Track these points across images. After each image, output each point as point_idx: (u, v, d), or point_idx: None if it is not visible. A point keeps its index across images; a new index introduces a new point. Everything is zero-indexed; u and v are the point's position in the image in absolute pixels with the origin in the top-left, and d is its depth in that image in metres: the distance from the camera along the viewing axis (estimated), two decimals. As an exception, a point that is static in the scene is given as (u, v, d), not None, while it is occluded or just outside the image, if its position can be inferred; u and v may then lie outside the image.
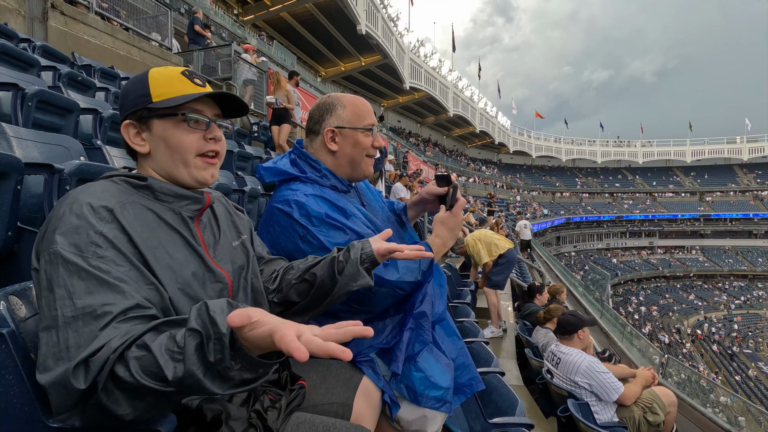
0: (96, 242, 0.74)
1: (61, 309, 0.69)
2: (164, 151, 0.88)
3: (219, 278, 0.90)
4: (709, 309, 36.14)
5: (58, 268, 0.71)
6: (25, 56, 3.61)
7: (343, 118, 1.27)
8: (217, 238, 0.96)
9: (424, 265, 1.20)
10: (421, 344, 1.22)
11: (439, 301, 1.30)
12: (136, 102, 0.88)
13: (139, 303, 0.74)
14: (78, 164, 1.68)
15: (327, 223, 1.17)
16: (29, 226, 1.62)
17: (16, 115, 2.44)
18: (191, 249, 0.87)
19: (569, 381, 2.85)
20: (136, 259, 0.78)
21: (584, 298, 12.81)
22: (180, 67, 0.94)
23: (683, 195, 49.50)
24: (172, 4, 10.88)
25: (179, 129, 0.88)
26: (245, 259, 1.00)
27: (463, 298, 4.43)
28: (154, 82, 0.88)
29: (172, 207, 0.88)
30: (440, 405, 1.20)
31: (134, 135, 0.89)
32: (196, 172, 0.90)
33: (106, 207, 0.78)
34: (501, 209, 24.48)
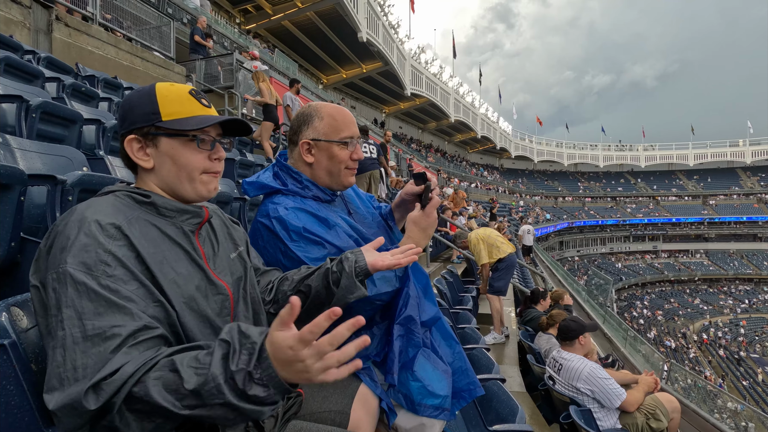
0: (105, 261, 0.74)
1: (69, 329, 0.69)
2: (170, 168, 0.90)
3: (220, 290, 0.92)
4: (715, 313, 35.83)
5: (67, 288, 0.71)
6: (29, 68, 3.66)
7: (319, 131, 1.27)
8: (215, 250, 0.97)
9: (399, 271, 1.18)
10: (414, 348, 1.21)
11: (426, 302, 1.29)
12: (143, 118, 0.88)
13: (146, 324, 0.74)
14: (80, 175, 1.70)
15: (305, 237, 1.17)
16: (32, 237, 1.64)
17: (21, 126, 2.47)
18: (194, 263, 0.89)
19: (571, 387, 2.84)
20: (144, 276, 0.79)
21: (587, 303, 12.75)
22: (186, 85, 0.95)
23: (686, 199, 49.30)
24: (175, 14, 11.01)
25: (188, 149, 0.90)
26: (243, 271, 1.02)
27: (464, 304, 4.43)
28: (163, 100, 0.89)
29: (174, 222, 0.89)
30: (438, 413, 1.19)
31: (137, 149, 0.90)
32: (201, 187, 0.92)
33: (114, 224, 0.78)
34: (503, 214, 24.46)
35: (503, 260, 5.03)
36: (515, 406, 1.97)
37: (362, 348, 0.67)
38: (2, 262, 1.51)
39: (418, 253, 1.06)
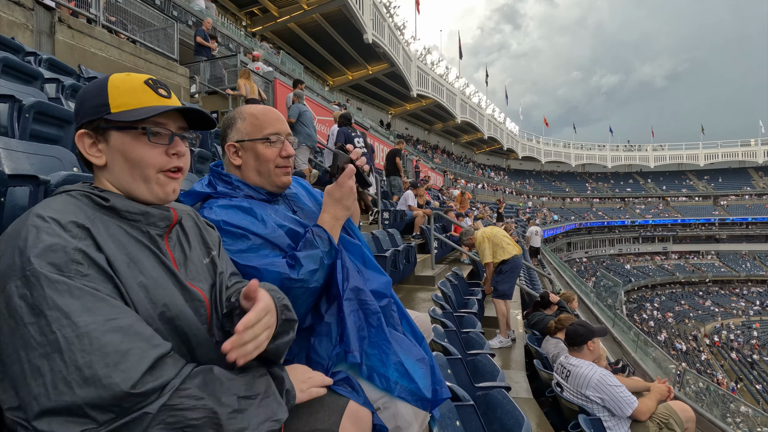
0: (76, 260, 0.67)
1: (59, 331, 0.62)
2: (123, 165, 0.82)
3: (195, 297, 0.84)
4: (727, 315, 35.26)
5: (43, 290, 0.63)
6: (28, 69, 3.63)
7: (242, 131, 1.23)
8: (186, 255, 0.89)
9: (324, 246, 1.14)
10: (374, 316, 1.15)
11: (369, 272, 1.25)
12: (92, 111, 0.81)
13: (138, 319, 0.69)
14: (65, 175, 1.64)
15: (225, 230, 1.12)
16: (14, 239, 1.58)
17: (13, 126, 2.43)
18: (164, 267, 0.81)
19: (580, 395, 2.73)
20: (116, 279, 0.72)
21: (596, 306, 12.56)
22: (144, 75, 0.87)
23: (697, 199, 48.66)
24: (180, 16, 11.04)
25: (139, 143, 0.82)
26: (215, 277, 0.94)
27: (469, 308, 4.33)
28: (114, 90, 0.82)
29: (139, 226, 0.82)
30: (415, 399, 1.12)
31: (89, 145, 0.82)
32: (157, 188, 0.84)
33: (77, 223, 0.71)
34: (510, 215, 24.26)
35: (507, 262, 4.92)
36: (521, 416, 1.88)
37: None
38: (-19, 266, 1.45)
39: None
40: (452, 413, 1.66)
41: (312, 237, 1.15)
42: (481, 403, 2.13)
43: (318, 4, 22.68)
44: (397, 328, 1.24)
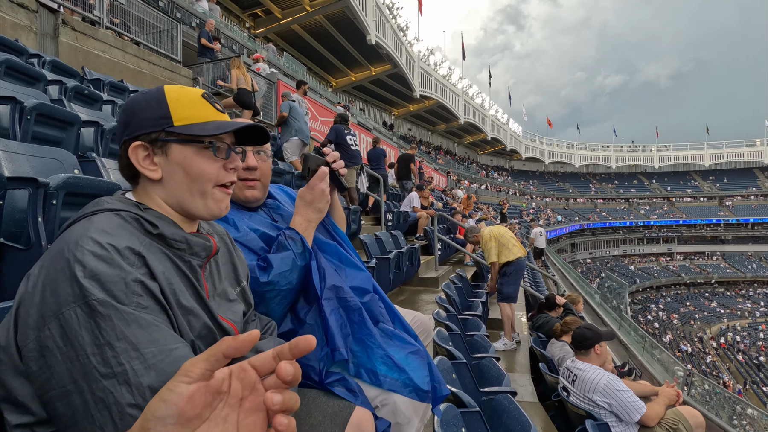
0: (137, 291, 0.65)
1: (128, 363, 0.60)
2: (182, 178, 0.80)
3: (226, 330, 0.83)
4: (733, 317, 34.97)
5: (112, 320, 0.61)
6: (31, 71, 3.63)
7: None
8: (216, 287, 0.87)
9: (297, 248, 1.14)
10: (355, 313, 1.15)
11: (347, 269, 1.24)
12: (151, 123, 0.79)
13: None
14: (65, 177, 1.62)
15: None
16: (14, 243, 1.56)
17: (15, 128, 2.42)
18: (200, 298, 0.79)
19: (587, 400, 2.69)
20: (168, 309, 0.71)
21: (601, 308, 12.46)
22: (197, 89, 0.85)
23: (702, 200, 48.34)
24: (183, 18, 11.06)
25: (201, 157, 0.80)
26: (245, 308, 0.93)
27: (474, 310, 4.29)
28: (175, 103, 0.80)
29: (182, 255, 0.79)
30: (409, 391, 1.10)
31: (144, 158, 0.79)
32: (213, 204, 0.83)
33: (133, 250, 0.69)
34: (514, 216, 24.17)
35: (511, 264, 4.88)
36: (527, 422, 1.84)
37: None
38: (-20, 270, 1.43)
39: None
40: (457, 420, 1.62)
41: (284, 239, 1.15)
42: (487, 408, 2.09)
43: (321, 6, 22.72)
44: (386, 322, 1.23)
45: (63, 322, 0.61)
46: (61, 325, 0.61)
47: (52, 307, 0.62)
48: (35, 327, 0.62)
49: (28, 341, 0.62)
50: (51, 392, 0.61)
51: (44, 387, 0.61)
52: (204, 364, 0.47)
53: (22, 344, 0.62)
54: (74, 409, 0.60)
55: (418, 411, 1.15)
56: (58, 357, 0.60)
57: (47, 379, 0.61)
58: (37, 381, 0.62)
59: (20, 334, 0.63)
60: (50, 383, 0.61)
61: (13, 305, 0.66)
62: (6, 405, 0.65)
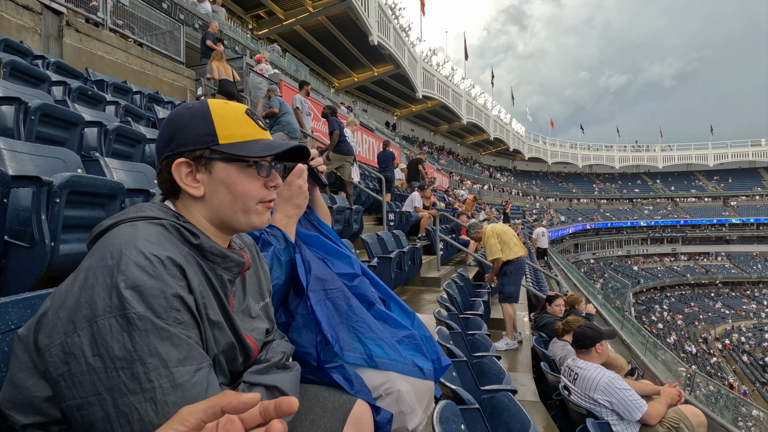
0: (175, 307, 0.65)
1: (157, 380, 0.60)
2: (225, 196, 0.80)
3: (247, 346, 0.83)
4: (738, 318, 34.74)
5: (148, 336, 0.61)
6: (35, 72, 3.66)
7: None
8: (241, 303, 0.88)
9: (279, 244, 1.17)
10: (342, 302, 1.17)
11: (333, 259, 1.27)
12: (197, 140, 0.78)
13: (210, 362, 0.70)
14: (68, 176, 1.64)
15: None
16: (18, 241, 1.58)
17: (19, 128, 2.44)
18: (226, 313, 0.79)
19: (588, 398, 2.69)
20: (200, 324, 0.72)
21: (604, 308, 12.42)
22: (240, 104, 0.85)
23: (706, 200, 48.08)
24: (186, 19, 11.11)
25: (246, 175, 0.80)
26: (268, 325, 0.93)
27: (475, 309, 4.29)
28: (220, 120, 0.79)
29: (215, 268, 0.79)
30: (408, 369, 1.13)
31: (186, 175, 0.79)
32: (255, 219, 0.83)
33: (175, 261, 0.69)
34: (517, 216, 24.12)
35: (511, 263, 4.88)
36: (527, 420, 1.84)
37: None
38: (-16, 267, 1.45)
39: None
40: (457, 417, 1.63)
41: (267, 237, 1.17)
42: (487, 406, 2.09)
43: (323, 7, 22.76)
44: (379, 304, 1.26)
45: (95, 330, 0.60)
46: (92, 334, 0.60)
47: (86, 314, 0.61)
48: (64, 332, 0.60)
49: (53, 346, 0.61)
50: (70, 401, 0.59)
51: (63, 395, 0.60)
52: (201, 415, 0.48)
53: (45, 347, 0.61)
54: (93, 420, 0.59)
55: (422, 401, 1.16)
56: (83, 366, 0.59)
57: (68, 388, 0.60)
58: (56, 387, 0.61)
59: (44, 336, 0.62)
60: (70, 392, 0.59)
61: (44, 305, 0.65)
62: (15, 405, 0.64)
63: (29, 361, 0.64)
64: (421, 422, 1.17)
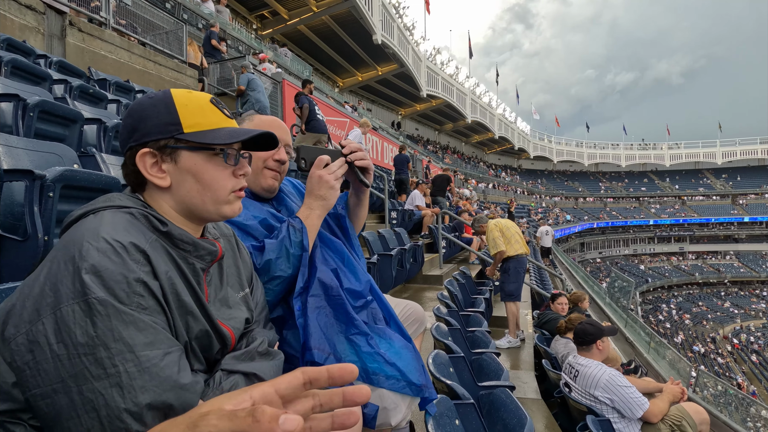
0: (138, 292, 0.64)
1: (122, 365, 0.59)
2: (193, 186, 0.79)
3: (223, 334, 0.81)
4: (746, 317, 34.35)
5: (110, 320, 0.60)
6: (37, 70, 3.69)
7: None
8: (217, 293, 0.86)
9: (295, 236, 1.13)
10: (343, 313, 1.14)
11: (349, 273, 1.23)
12: (160, 129, 0.77)
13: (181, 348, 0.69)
14: (62, 170, 1.64)
15: None
16: (11, 234, 1.58)
17: (18, 125, 2.45)
18: (199, 302, 0.78)
19: (588, 395, 2.66)
20: (167, 310, 0.70)
21: (608, 306, 12.33)
22: (204, 93, 0.84)
23: (714, 198, 47.61)
24: (190, 19, 11.17)
25: (212, 164, 0.79)
26: (247, 315, 0.91)
27: (477, 307, 4.27)
28: (183, 109, 0.78)
29: (186, 256, 0.78)
30: (402, 386, 1.10)
31: (151, 165, 0.77)
32: (227, 208, 0.82)
33: (138, 247, 0.68)
34: (522, 215, 24.01)
35: (511, 260, 4.86)
36: (524, 416, 1.82)
37: None
38: (-23, 260, 1.45)
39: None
40: (451, 412, 1.61)
41: (285, 226, 1.15)
42: (485, 402, 2.07)
43: (327, 6, 22.80)
44: (378, 323, 1.22)
45: (59, 317, 0.59)
46: (56, 321, 0.59)
47: (50, 302, 0.60)
48: (29, 320, 0.60)
49: (19, 334, 0.60)
50: (35, 390, 0.58)
51: (28, 383, 0.59)
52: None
53: (11, 337, 0.60)
54: (59, 409, 0.58)
55: (405, 397, 1.15)
56: (48, 354, 0.58)
57: (32, 376, 0.59)
58: (22, 376, 0.60)
59: (11, 326, 0.61)
60: (35, 380, 0.58)
61: (11, 297, 0.65)
62: None
63: None
64: (405, 417, 1.15)
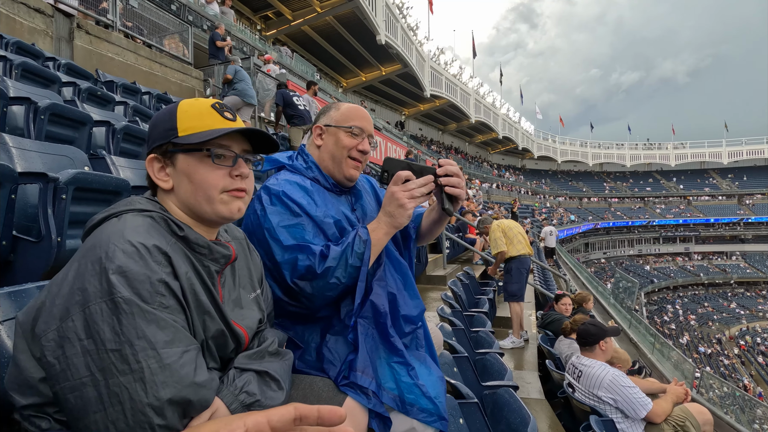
0: (160, 291, 0.69)
1: (145, 361, 0.63)
2: (187, 187, 0.83)
3: (237, 334, 0.85)
4: (753, 318, 34.09)
5: (134, 318, 0.64)
6: (46, 73, 3.74)
7: (332, 118, 1.32)
8: (231, 294, 0.90)
9: (359, 247, 1.11)
10: (387, 339, 1.13)
11: (408, 297, 1.22)
12: (162, 135, 0.83)
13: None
14: (74, 173, 1.67)
15: (283, 202, 1.16)
16: (25, 236, 1.62)
17: (29, 127, 2.50)
18: (214, 303, 0.82)
19: (592, 396, 2.67)
20: (186, 310, 0.75)
21: (612, 307, 12.28)
22: (211, 99, 0.88)
23: (720, 198, 47.27)
24: (195, 21, 11.23)
25: (203, 165, 0.83)
26: (260, 315, 0.96)
27: (480, 307, 4.28)
28: (183, 115, 0.84)
29: (202, 259, 0.83)
30: (434, 420, 1.10)
31: (158, 170, 0.85)
32: (221, 208, 0.84)
33: (161, 249, 0.72)
34: (526, 215, 23.95)
35: (513, 260, 4.87)
36: (527, 415, 1.84)
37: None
38: (-7, 261, 1.49)
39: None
40: (455, 411, 1.63)
41: (354, 234, 1.14)
42: (489, 402, 2.10)
43: (331, 7, 22.82)
44: (420, 349, 1.23)
45: (88, 315, 0.63)
46: (85, 318, 0.63)
47: (79, 300, 0.64)
48: (59, 317, 0.64)
49: (49, 331, 0.64)
50: (64, 383, 0.62)
51: (58, 378, 0.63)
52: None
53: (42, 333, 0.65)
54: (86, 401, 0.61)
55: (431, 428, 1.15)
56: (78, 349, 0.62)
57: (62, 371, 0.63)
58: (51, 371, 0.64)
59: (42, 323, 0.65)
60: (65, 374, 0.62)
61: (40, 295, 0.69)
62: (16, 386, 0.68)
63: (26, 345, 0.68)
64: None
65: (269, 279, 1.13)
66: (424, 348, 1.25)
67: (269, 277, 1.13)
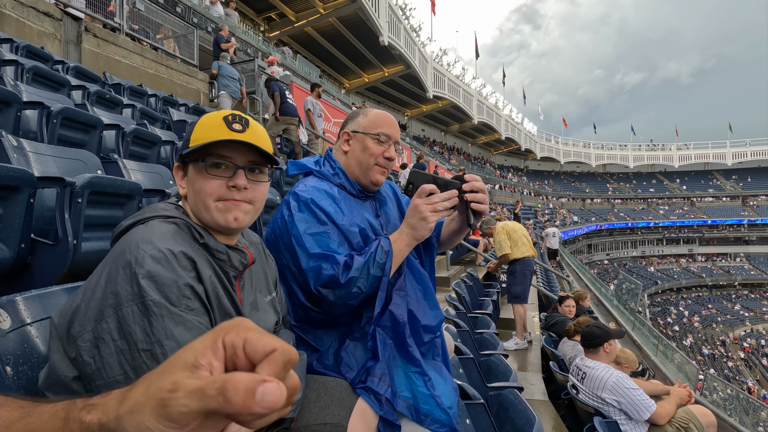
0: (186, 295, 0.73)
1: None
2: (191, 194, 0.88)
3: None
4: (757, 320, 33.91)
5: (164, 320, 0.68)
6: (56, 77, 3.79)
7: (359, 124, 1.33)
8: (249, 297, 0.94)
9: (380, 257, 1.13)
10: (405, 349, 1.15)
11: (428, 307, 1.24)
12: (183, 145, 0.89)
13: None
14: (90, 177, 1.71)
15: (311, 209, 1.18)
16: (43, 239, 1.66)
17: (42, 131, 2.54)
18: (234, 306, 0.86)
19: (596, 397, 2.69)
20: (210, 312, 0.78)
21: (616, 309, 12.26)
22: (228, 111, 0.90)
23: (724, 199, 47.05)
24: (200, 23, 11.30)
25: (201, 174, 0.86)
26: (275, 318, 1.00)
27: (484, 309, 4.30)
28: (198, 126, 0.88)
29: (222, 265, 0.87)
30: (445, 430, 1.13)
31: (180, 177, 0.91)
32: (217, 215, 0.86)
33: (186, 255, 0.77)
34: (528, 216, 23.93)
35: (517, 262, 4.89)
36: (532, 416, 1.86)
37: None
38: (12, 264, 1.53)
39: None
40: (462, 411, 1.66)
41: (377, 245, 1.15)
42: (494, 403, 2.12)
43: (334, 8, 22.89)
44: (437, 358, 1.25)
45: (120, 317, 0.67)
46: (118, 320, 0.67)
47: (112, 303, 0.68)
48: (94, 319, 0.69)
49: (85, 332, 0.68)
50: (99, 381, 0.66)
51: (93, 376, 0.67)
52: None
53: (78, 334, 0.69)
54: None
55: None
56: (112, 349, 0.67)
57: (98, 369, 0.67)
58: (87, 370, 0.67)
59: (77, 324, 0.69)
60: (100, 373, 0.66)
61: (74, 299, 0.73)
62: (50, 385, 0.72)
63: (60, 346, 0.72)
64: None
65: (293, 284, 1.16)
66: (440, 357, 1.27)
67: (294, 282, 1.16)
